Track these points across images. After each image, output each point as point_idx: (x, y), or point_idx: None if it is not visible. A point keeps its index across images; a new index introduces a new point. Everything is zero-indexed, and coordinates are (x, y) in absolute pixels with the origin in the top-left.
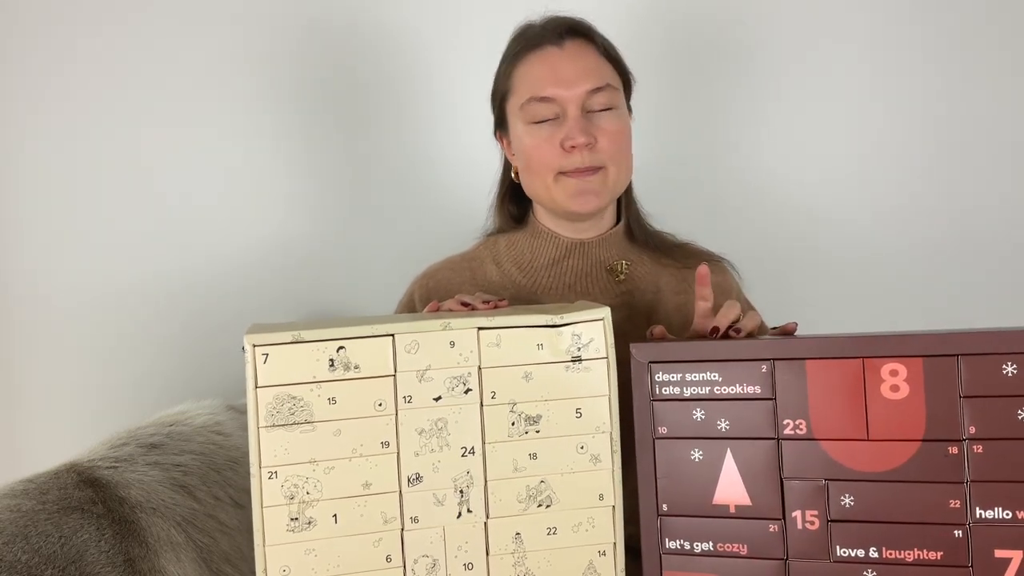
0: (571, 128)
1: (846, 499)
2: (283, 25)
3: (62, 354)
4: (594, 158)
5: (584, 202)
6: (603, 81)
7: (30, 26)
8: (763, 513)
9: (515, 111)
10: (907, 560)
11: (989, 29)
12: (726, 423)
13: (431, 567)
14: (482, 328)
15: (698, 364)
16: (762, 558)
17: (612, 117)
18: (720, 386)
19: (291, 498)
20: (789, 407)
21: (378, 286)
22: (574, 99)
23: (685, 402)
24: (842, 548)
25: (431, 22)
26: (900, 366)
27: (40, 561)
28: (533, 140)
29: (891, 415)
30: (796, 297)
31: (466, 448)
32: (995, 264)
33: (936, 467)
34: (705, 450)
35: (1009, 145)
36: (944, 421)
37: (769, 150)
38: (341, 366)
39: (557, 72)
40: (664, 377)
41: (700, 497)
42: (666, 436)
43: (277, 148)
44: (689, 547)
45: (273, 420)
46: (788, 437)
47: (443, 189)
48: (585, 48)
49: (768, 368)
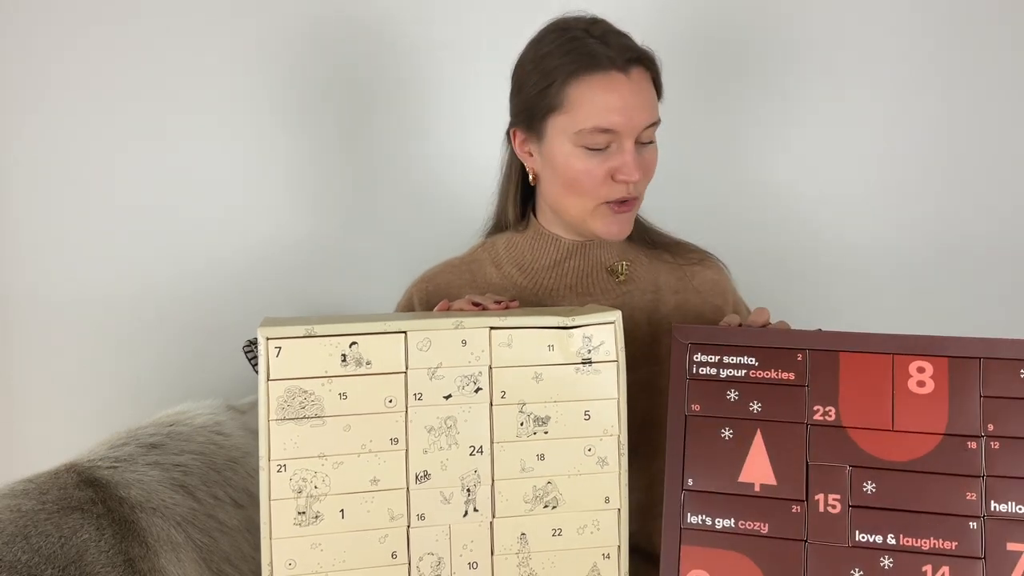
0: (627, 164)
1: (868, 485)
2: (285, 25)
3: (62, 354)
4: (637, 190)
5: (619, 232)
6: (656, 116)
7: (29, 26)
8: (787, 494)
9: (566, 130)
10: (923, 548)
11: (996, 34)
12: (758, 405)
13: (436, 565)
14: (494, 328)
15: (737, 348)
16: (782, 538)
17: (653, 150)
18: (756, 371)
19: (299, 492)
20: (820, 394)
21: (379, 287)
22: (632, 132)
23: (721, 383)
24: (861, 533)
25: (434, 22)
26: (927, 364)
27: (40, 561)
28: (583, 166)
29: (916, 408)
30: (799, 297)
31: (474, 447)
32: (1005, 267)
33: (955, 460)
34: (736, 429)
35: (1020, 148)
36: (965, 418)
37: (773, 151)
38: (353, 361)
39: (624, 104)
40: (702, 358)
41: (726, 474)
42: (699, 413)
43: (277, 149)
44: (711, 523)
45: (284, 413)
46: (817, 423)
47: (445, 190)
48: (645, 77)
49: (804, 357)
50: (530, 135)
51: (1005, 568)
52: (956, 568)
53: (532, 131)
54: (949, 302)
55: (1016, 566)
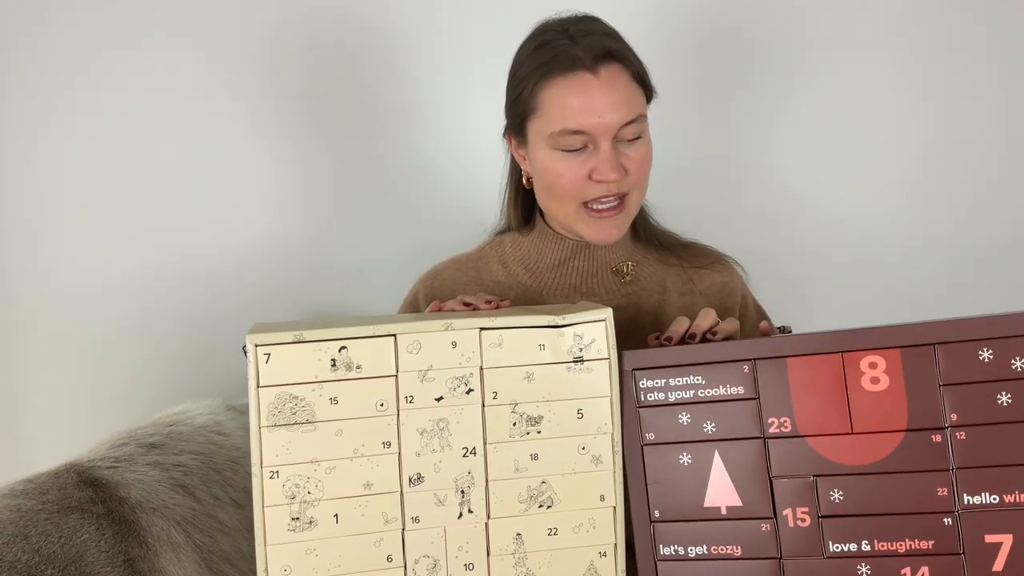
0: (603, 163)
1: (835, 494)
2: (283, 23)
3: (62, 354)
4: (620, 187)
5: (607, 236)
6: (636, 111)
7: (30, 24)
8: (754, 513)
9: (541, 134)
10: (899, 551)
11: (995, 33)
12: (712, 425)
13: (432, 567)
14: (484, 328)
15: (681, 368)
16: (756, 558)
17: (640, 146)
18: (704, 389)
19: (292, 498)
20: (773, 405)
21: (380, 286)
22: (606, 132)
23: (670, 407)
24: (835, 544)
25: (434, 20)
26: (879, 358)
27: (40, 561)
28: (558, 168)
29: (873, 407)
30: (802, 297)
31: (467, 448)
32: (1003, 266)
33: (921, 456)
34: (693, 454)
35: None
36: (926, 410)
37: (777, 151)
38: (343, 366)
39: (592, 104)
40: (649, 383)
41: (691, 501)
42: (654, 442)
43: (277, 147)
44: (684, 552)
45: (275, 420)
46: (774, 436)
47: (446, 189)
48: (620, 75)
49: (750, 368)
50: (519, 139)
51: (986, 561)
52: (936, 567)
53: (519, 136)
54: (952, 301)
55: (997, 558)
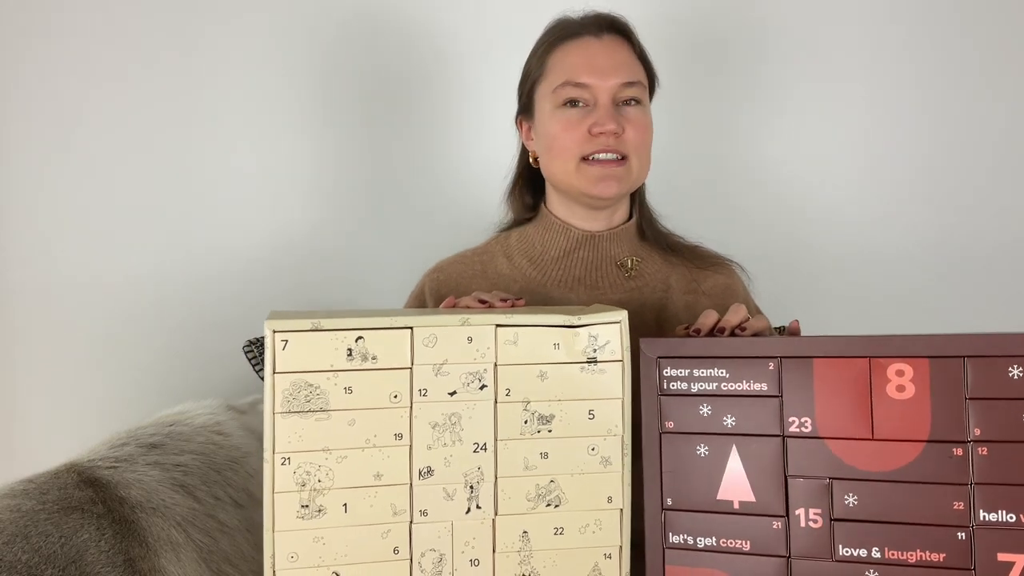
0: (601, 115)
1: (850, 498)
2: (288, 25)
3: (62, 354)
4: (619, 145)
5: (606, 187)
6: (635, 77)
7: (41, 17)
8: (767, 510)
9: (546, 94)
10: (909, 561)
11: (995, 33)
12: (732, 419)
13: (437, 561)
14: (500, 325)
15: (706, 360)
16: (765, 555)
17: (639, 111)
18: (727, 382)
19: (302, 485)
20: (795, 405)
21: (387, 283)
22: (607, 89)
23: (692, 397)
24: (845, 548)
25: (444, 21)
26: (906, 366)
27: (40, 561)
28: (560, 123)
29: (896, 415)
30: (803, 297)
31: (478, 444)
32: (1003, 266)
33: (940, 468)
34: (711, 446)
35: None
36: (949, 423)
37: (779, 152)
38: (359, 356)
39: (594, 61)
40: (672, 372)
41: (705, 492)
42: (673, 431)
43: (284, 147)
44: (692, 542)
45: (289, 406)
46: (793, 435)
47: (457, 186)
48: (622, 44)
49: (775, 366)
50: (527, 117)
51: None
52: None
53: (528, 113)
54: (953, 301)
55: None
